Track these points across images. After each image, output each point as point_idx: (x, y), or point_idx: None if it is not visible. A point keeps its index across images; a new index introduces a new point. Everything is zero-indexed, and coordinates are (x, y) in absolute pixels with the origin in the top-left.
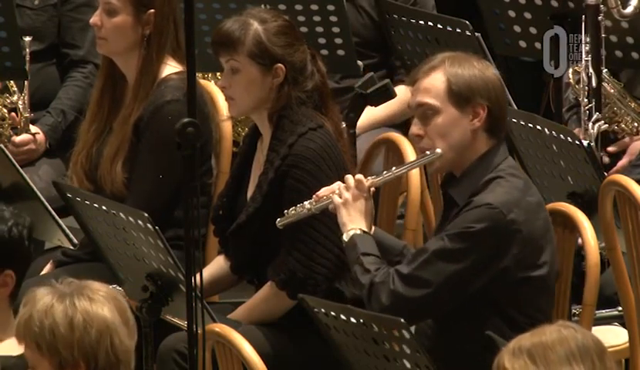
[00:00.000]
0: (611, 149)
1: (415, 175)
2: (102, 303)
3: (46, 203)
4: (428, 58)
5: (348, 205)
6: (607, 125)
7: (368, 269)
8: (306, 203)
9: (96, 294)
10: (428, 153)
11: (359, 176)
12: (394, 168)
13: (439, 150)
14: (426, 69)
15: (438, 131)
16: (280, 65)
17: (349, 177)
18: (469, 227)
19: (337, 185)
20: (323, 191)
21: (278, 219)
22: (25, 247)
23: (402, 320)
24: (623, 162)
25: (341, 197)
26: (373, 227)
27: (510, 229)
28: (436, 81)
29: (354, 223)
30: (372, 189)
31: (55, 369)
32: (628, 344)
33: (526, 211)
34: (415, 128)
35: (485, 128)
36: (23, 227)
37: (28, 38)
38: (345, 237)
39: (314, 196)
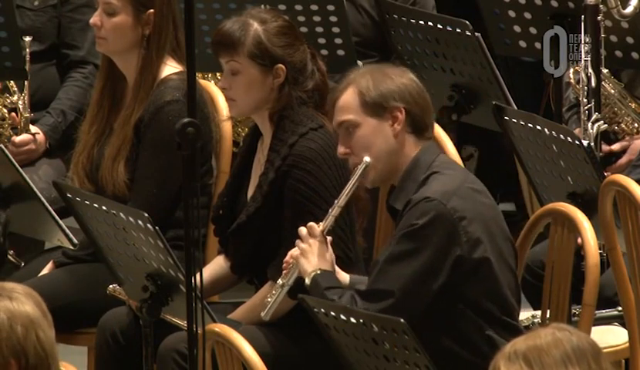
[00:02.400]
0: (614, 147)
1: None
2: (21, 300)
3: (46, 203)
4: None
5: (305, 253)
6: (606, 125)
7: (332, 299)
8: (279, 280)
9: (13, 293)
10: (358, 166)
11: (310, 224)
12: (336, 201)
13: (367, 158)
14: (340, 89)
15: (362, 144)
16: (280, 65)
17: (301, 229)
18: (413, 224)
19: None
20: (287, 257)
21: (262, 313)
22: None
23: (402, 320)
24: (622, 161)
25: (298, 250)
26: (348, 276)
27: (454, 217)
28: (349, 97)
29: (314, 266)
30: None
31: None
32: (628, 345)
33: (464, 198)
34: (341, 148)
35: (409, 130)
36: None
37: (28, 39)
38: (307, 281)
39: (283, 271)
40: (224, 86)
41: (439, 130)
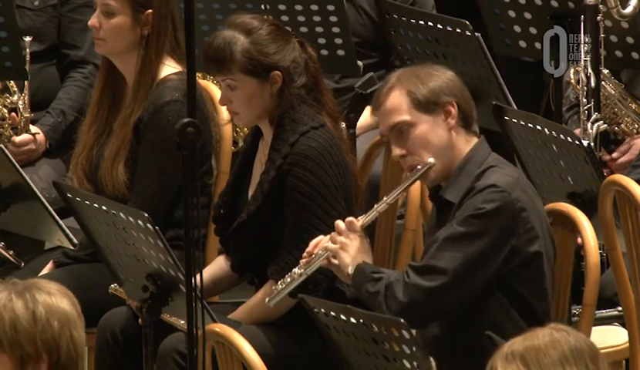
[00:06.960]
0: (614, 155)
1: None
2: (59, 296)
3: (46, 203)
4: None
5: (345, 247)
6: (606, 125)
7: (381, 277)
8: (295, 269)
9: (51, 289)
10: (419, 167)
11: (350, 219)
12: (385, 197)
13: (431, 160)
14: (385, 92)
15: (419, 143)
16: (276, 72)
17: (339, 222)
18: (479, 208)
19: (321, 238)
20: (310, 248)
21: (267, 298)
22: None
23: (402, 320)
24: (623, 159)
25: (336, 243)
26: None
27: (516, 207)
28: (397, 98)
29: (356, 260)
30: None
31: (15, 365)
32: (628, 345)
33: (524, 191)
34: (396, 150)
35: (460, 124)
36: None
37: (28, 39)
38: (350, 270)
39: (301, 261)
40: (224, 103)
41: None
